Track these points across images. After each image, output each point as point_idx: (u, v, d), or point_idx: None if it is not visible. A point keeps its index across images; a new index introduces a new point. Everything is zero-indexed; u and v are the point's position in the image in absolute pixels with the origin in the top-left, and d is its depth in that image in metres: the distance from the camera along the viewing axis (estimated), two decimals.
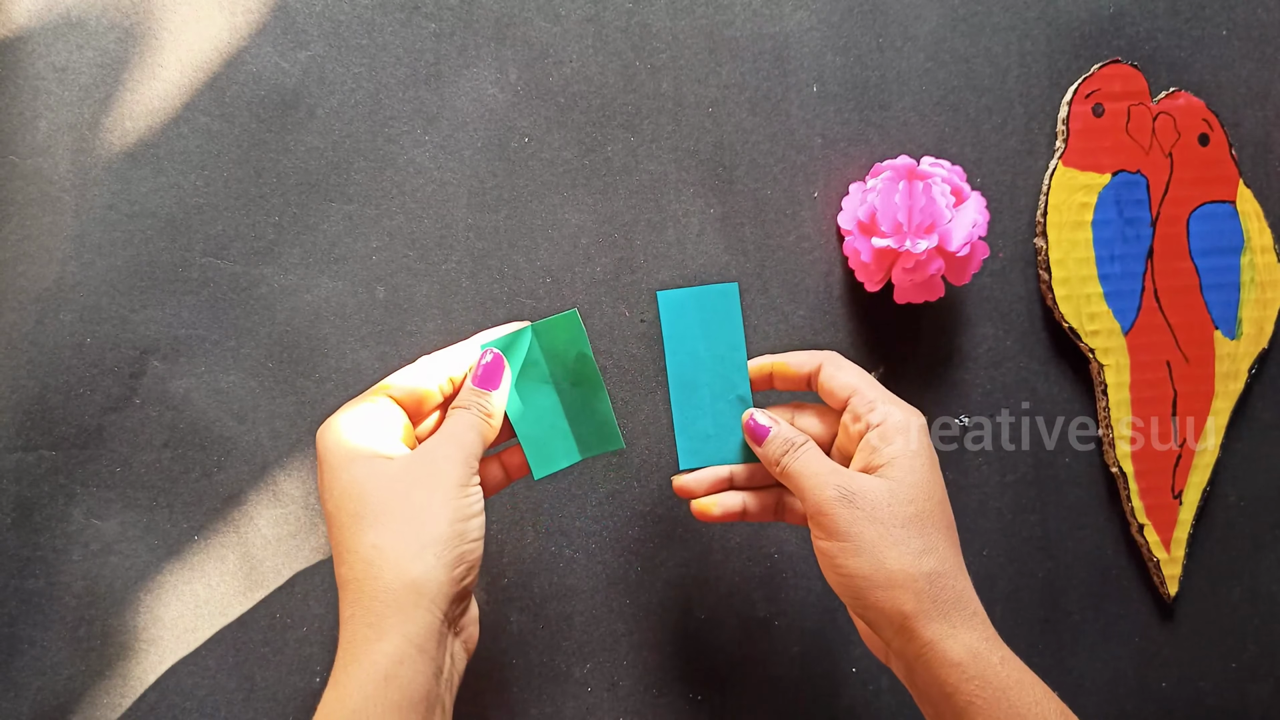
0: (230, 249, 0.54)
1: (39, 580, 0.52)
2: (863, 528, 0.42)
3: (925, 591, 0.41)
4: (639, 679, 0.56)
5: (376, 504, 0.40)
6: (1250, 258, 0.61)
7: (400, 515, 0.39)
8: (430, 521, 0.39)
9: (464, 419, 0.44)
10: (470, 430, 0.43)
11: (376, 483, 0.40)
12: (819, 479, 0.43)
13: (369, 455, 0.41)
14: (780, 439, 0.46)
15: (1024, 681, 0.41)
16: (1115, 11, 0.61)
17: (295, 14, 0.55)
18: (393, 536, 0.39)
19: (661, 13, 0.57)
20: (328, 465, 0.41)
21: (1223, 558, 0.62)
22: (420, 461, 0.41)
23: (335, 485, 0.41)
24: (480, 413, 0.44)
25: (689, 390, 0.50)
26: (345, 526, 0.40)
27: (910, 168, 0.55)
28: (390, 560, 0.38)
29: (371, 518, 0.40)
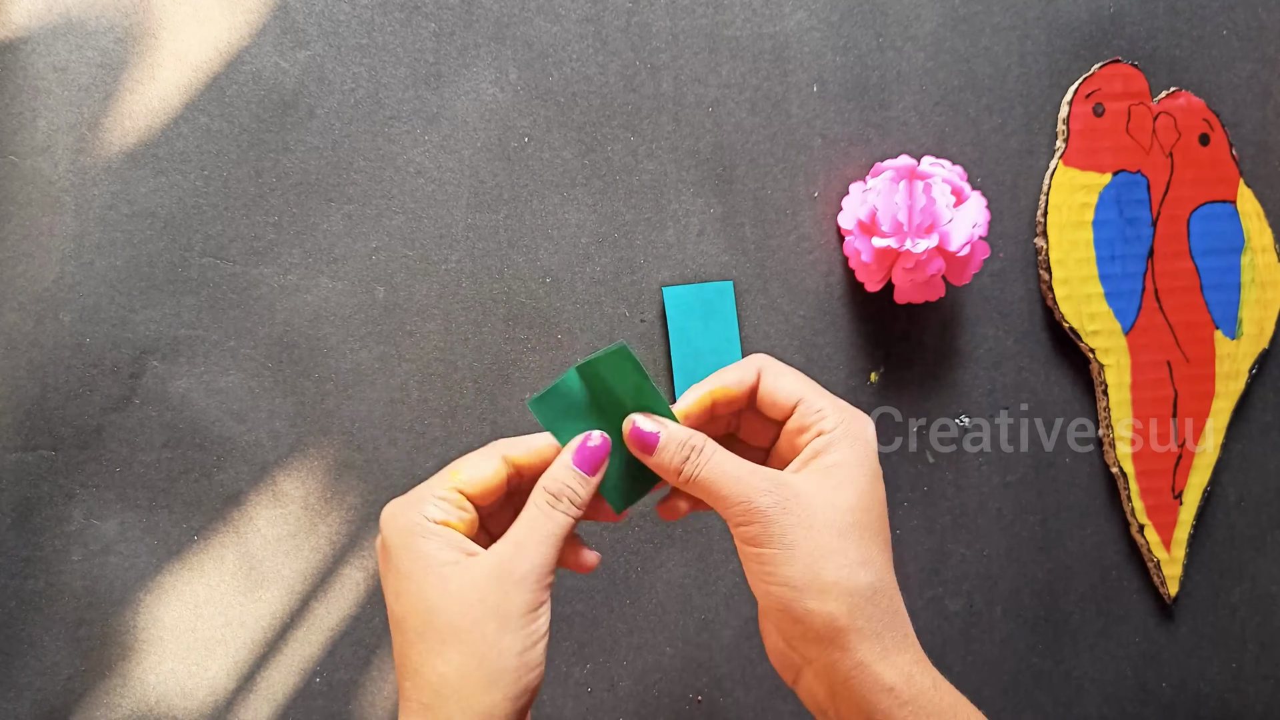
0: (230, 249, 0.54)
1: (39, 580, 0.52)
2: (798, 533, 0.38)
3: (861, 607, 0.38)
4: (639, 679, 0.56)
5: (444, 627, 0.38)
6: (1250, 257, 0.61)
7: (469, 645, 0.38)
8: (498, 655, 0.37)
9: (546, 524, 0.40)
10: (549, 543, 0.39)
11: (445, 602, 0.38)
12: (742, 482, 0.39)
13: (439, 565, 0.39)
14: (674, 443, 0.41)
15: (956, 706, 0.39)
16: (1115, 11, 0.61)
17: (295, 14, 0.55)
18: (460, 668, 0.38)
19: (661, 13, 0.57)
20: (395, 569, 0.39)
21: (1223, 558, 0.61)
22: (489, 580, 0.38)
23: (403, 592, 0.39)
24: (569, 507, 0.40)
25: (691, 379, 0.56)
26: (411, 643, 0.39)
27: (910, 168, 0.55)
28: (456, 692, 0.37)
29: (439, 641, 0.38)
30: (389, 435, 0.55)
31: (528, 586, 0.38)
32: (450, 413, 0.55)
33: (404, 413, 0.55)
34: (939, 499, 0.59)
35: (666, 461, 0.41)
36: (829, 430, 0.41)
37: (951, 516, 0.59)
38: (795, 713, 0.57)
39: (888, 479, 0.59)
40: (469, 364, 0.56)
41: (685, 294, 0.57)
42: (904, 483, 0.59)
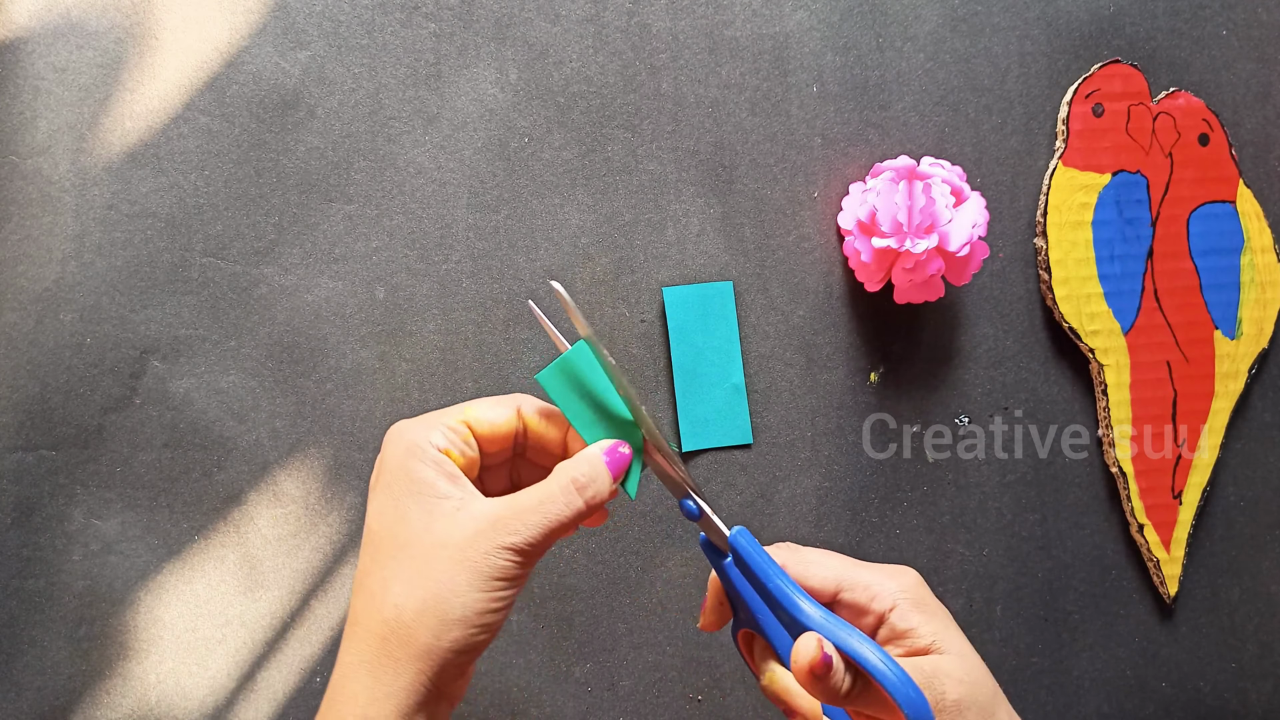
0: (230, 249, 0.54)
1: (39, 580, 0.52)
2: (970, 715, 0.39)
3: None
4: (639, 679, 0.56)
5: (416, 559, 0.37)
6: (1250, 258, 0.61)
7: (434, 586, 0.37)
8: (457, 602, 0.37)
9: (560, 505, 0.38)
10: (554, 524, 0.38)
11: (426, 537, 0.37)
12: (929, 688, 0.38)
13: (431, 496, 0.38)
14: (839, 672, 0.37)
15: None
16: (1115, 11, 0.61)
17: (295, 14, 0.55)
18: (419, 604, 0.37)
19: (661, 13, 0.57)
20: (387, 485, 0.38)
21: (1223, 558, 0.62)
22: (475, 533, 0.37)
23: (387, 512, 0.38)
24: (588, 503, 0.39)
25: (690, 378, 0.56)
26: (378, 562, 0.38)
27: (910, 168, 0.55)
28: (406, 626, 0.37)
29: (405, 570, 0.37)
30: None
31: (512, 556, 0.37)
32: None
33: (404, 413, 0.55)
34: (939, 499, 0.59)
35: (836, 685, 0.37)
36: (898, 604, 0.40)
37: (951, 516, 0.59)
38: None
39: (888, 480, 0.59)
40: (469, 364, 0.56)
41: (685, 294, 0.57)
42: (904, 482, 0.59)
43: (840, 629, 0.36)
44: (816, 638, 0.36)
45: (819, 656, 0.35)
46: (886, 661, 0.35)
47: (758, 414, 0.57)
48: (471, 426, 0.40)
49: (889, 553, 0.58)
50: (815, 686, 0.36)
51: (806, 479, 0.58)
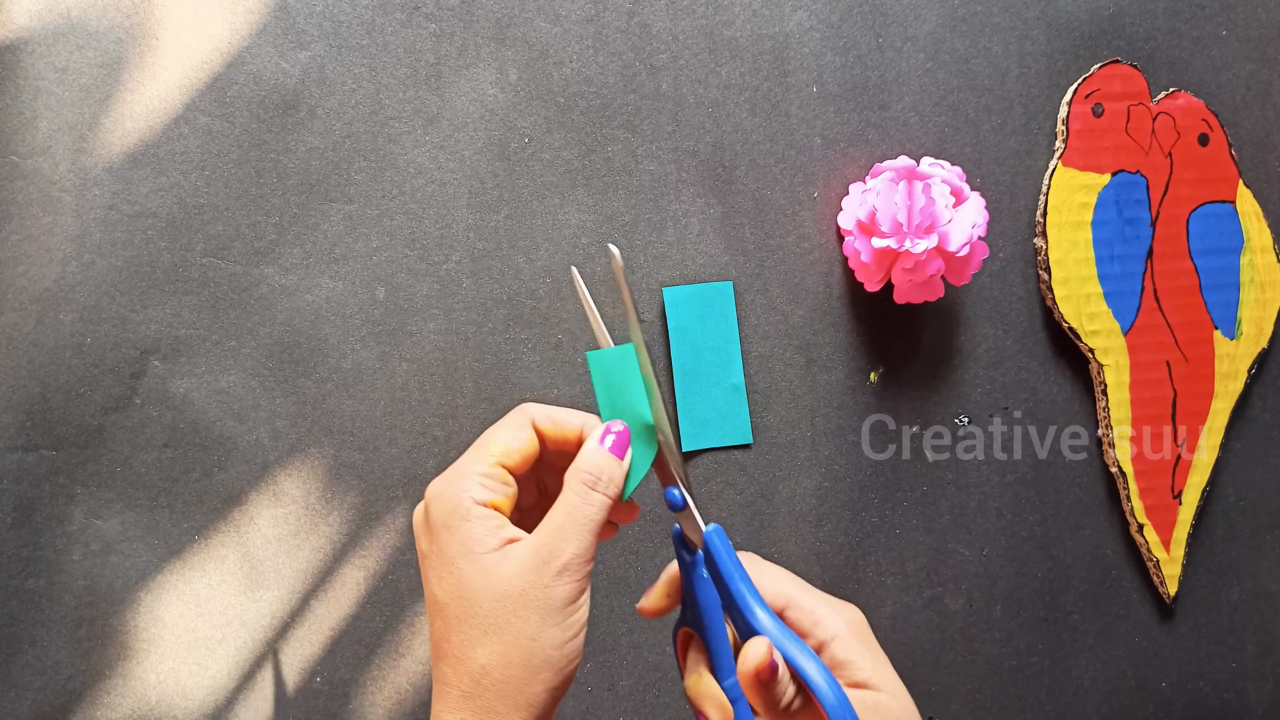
0: (230, 249, 0.54)
1: (39, 580, 0.52)
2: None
3: None
4: (639, 679, 0.56)
5: (486, 617, 0.38)
6: (1250, 258, 0.61)
7: (511, 638, 0.38)
8: (540, 648, 0.38)
9: (585, 510, 0.39)
10: (588, 530, 0.39)
11: (488, 594, 0.38)
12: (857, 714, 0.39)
13: (482, 552, 0.39)
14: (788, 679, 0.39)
15: None
16: (1115, 11, 0.61)
17: (295, 14, 0.55)
18: (502, 659, 0.38)
19: (661, 13, 0.57)
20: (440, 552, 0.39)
21: (1223, 558, 0.62)
22: (529, 573, 0.38)
23: (446, 577, 0.39)
24: (608, 492, 0.40)
25: (690, 378, 0.56)
26: (452, 627, 0.39)
27: (910, 168, 0.55)
28: (496, 684, 0.38)
29: (480, 631, 0.38)
30: (389, 435, 0.55)
31: (568, 577, 0.38)
32: (450, 413, 0.55)
33: (404, 413, 0.55)
34: (939, 499, 0.59)
35: (778, 694, 0.38)
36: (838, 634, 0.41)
37: (951, 516, 0.59)
38: None
39: (887, 480, 0.59)
40: (469, 364, 0.56)
41: (685, 294, 0.57)
42: (904, 482, 0.59)
43: (791, 642, 0.37)
44: (767, 643, 0.37)
45: (766, 661, 0.36)
46: (830, 684, 0.36)
47: (758, 414, 0.57)
48: (503, 463, 0.41)
49: (889, 553, 0.59)
50: (758, 692, 0.37)
51: (806, 479, 0.58)
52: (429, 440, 0.55)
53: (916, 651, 0.59)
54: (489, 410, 0.55)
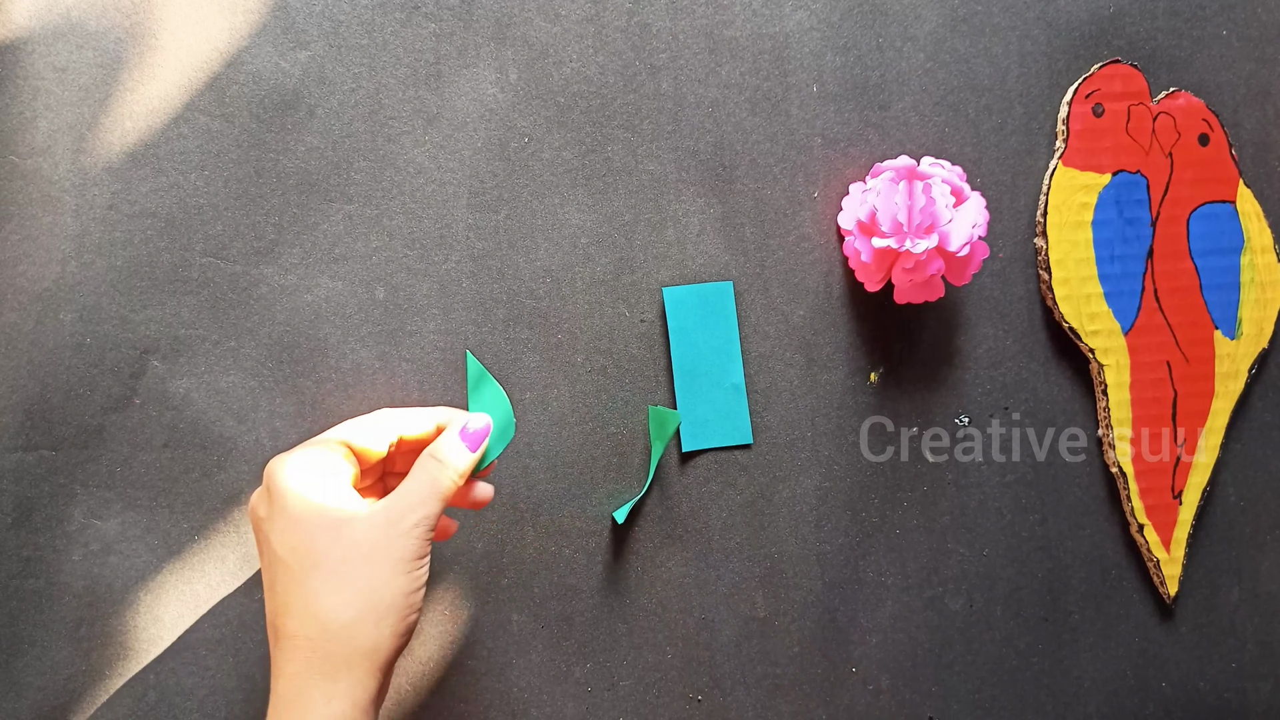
0: (230, 249, 0.54)
1: (39, 580, 0.52)
2: None
3: None
4: (639, 679, 0.56)
5: (334, 565, 0.41)
6: (1250, 258, 0.61)
7: (358, 582, 0.41)
8: (386, 592, 0.41)
9: (431, 478, 0.44)
10: (436, 499, 0.44)
11: (335, 544, 0.41)
12: None
13: (327, 509, 0.42)
14: None
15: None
16: (1115, 11, 0.61)
17: (295, 14, 0.55)
18: (349, 602, 0.41)
19: (661, 13, 0.57)
20: (283, 510, 0.42)
21: (1223, 558, 0.62)
22: (381, 527, 0.42)
23: (291, 533, 0.42)
24: (453, 474, 0.45)
25: (690, 379, 0.56)
26: (297, 580, 0.41)
27: (910, 168, 0.55)
28: (345, 624, 0.41)
29: (327, 578, 0.41)
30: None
31: (415, 535, 0.42)
32: None
33: None
34: (939, 500, 0.59)
35: None
36: None
37: (951, 517, 0.59)
38: (795, 713, 0.57)
39: (888, 481, 0.59)
40: None
41: (685, 294, 0.57)
42: (904, 483, 0.59)
43: None
44: None
45: None
46: None
47: (758, 414, 0.57)
48: (348, 443, 0.46)
49: (889, 553, 0.59)
50: None
51: (806, 479, 0.58)
52: None
53: (917, 651, 0.59)
54: None
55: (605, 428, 0.56)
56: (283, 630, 0.41)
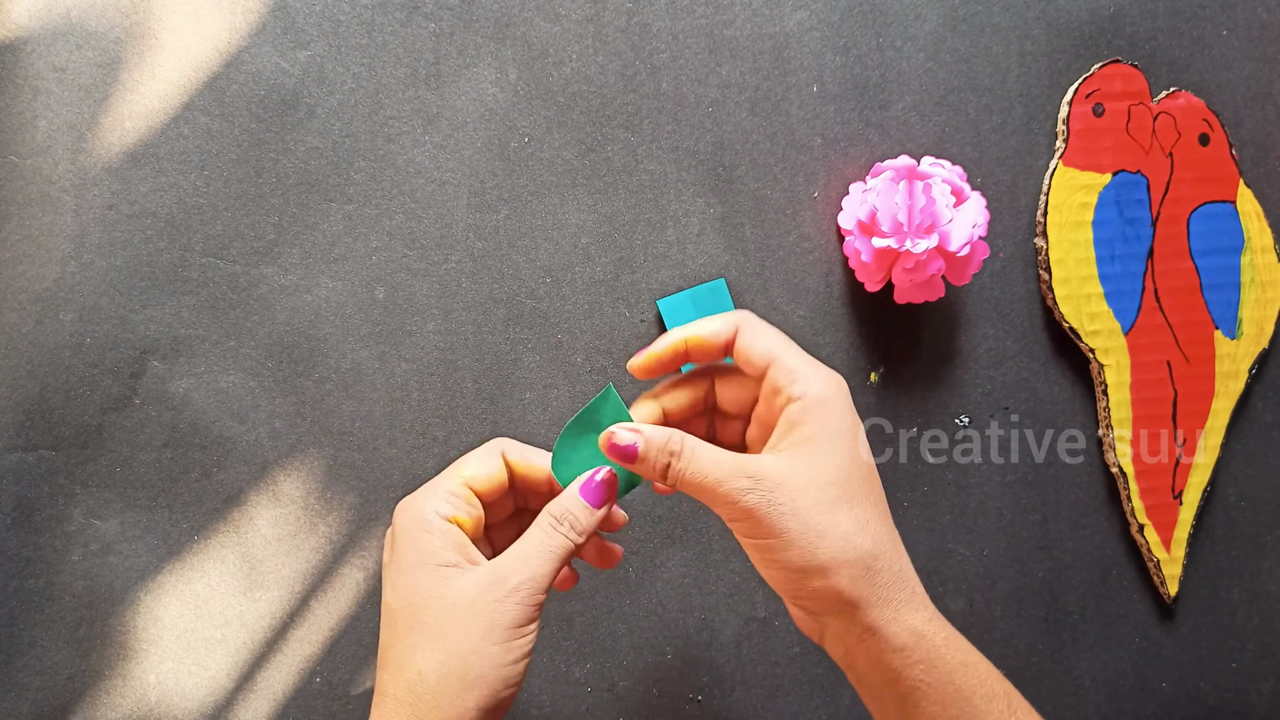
0: (230, 249, 0.54)
1: (39, 580, 0.52)
2: (787, 521, 0.38)
3: (863, 576, 0.39)
4: (639, 679, 0.56)
5: (432, 625, 0.39)
6: (1250, 258, 0.61)
7: (453, 647, 0.38)
8: (476, 660, 0.38)
9: (548, 542, 0.41)
10: (550, 560, 0.40)
11: (439, 603, 0.39)
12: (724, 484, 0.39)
13: (439, 564, 0.40)
14: (655, 449, 0.40)
15: (968, 663, 0.39)
16: (1115, 11, 0.61)
17: (295, 14, 0.55)
18: (440, 668, 0.38)
19: (661, 13, 0.57)
20: (399, 561, 0.40)
21: (1223, 558, 0.62)
22: (482, 587, 0.39)
23: (400, 585, 0.40)
24: (571, 534, 0.41)
25: None
26: (398, 635, 0.40)
27: (910, 168, 0.55)
28: (431, 692, 0.38)
29: (424, 638, 0.39)
30: (389, 435, 0.55)
31: (519, 599, 0.39)
32: (450, 413, 0.55)
33: (404, 413, 0.55)
34: (939, 499, 0.59)
35: (651, 469, 0.41)
36: (798, 397, 0.41)
37: (951, 516, 0.59)
38: (795, 713, 0.57)
39: (887, 482, 0.59)
40: (469, 364, 0.56)
41: (680, 301, 0.56)
42: (904, 483, 0.59)
43: None
44: None
45: None
46: None
47: None
48: (470, 485, 0.42)
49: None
50: None
51: None
52: (429, 440, 0.55)
53: None
54: (489, 410, 0.55)
55: None
56: (379, 683, 0.40)
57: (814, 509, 0.39)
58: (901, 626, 0.39)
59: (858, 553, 0.39)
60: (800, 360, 0.42)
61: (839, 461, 0.40)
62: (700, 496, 0.40)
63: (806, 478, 0.39)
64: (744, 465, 0.39)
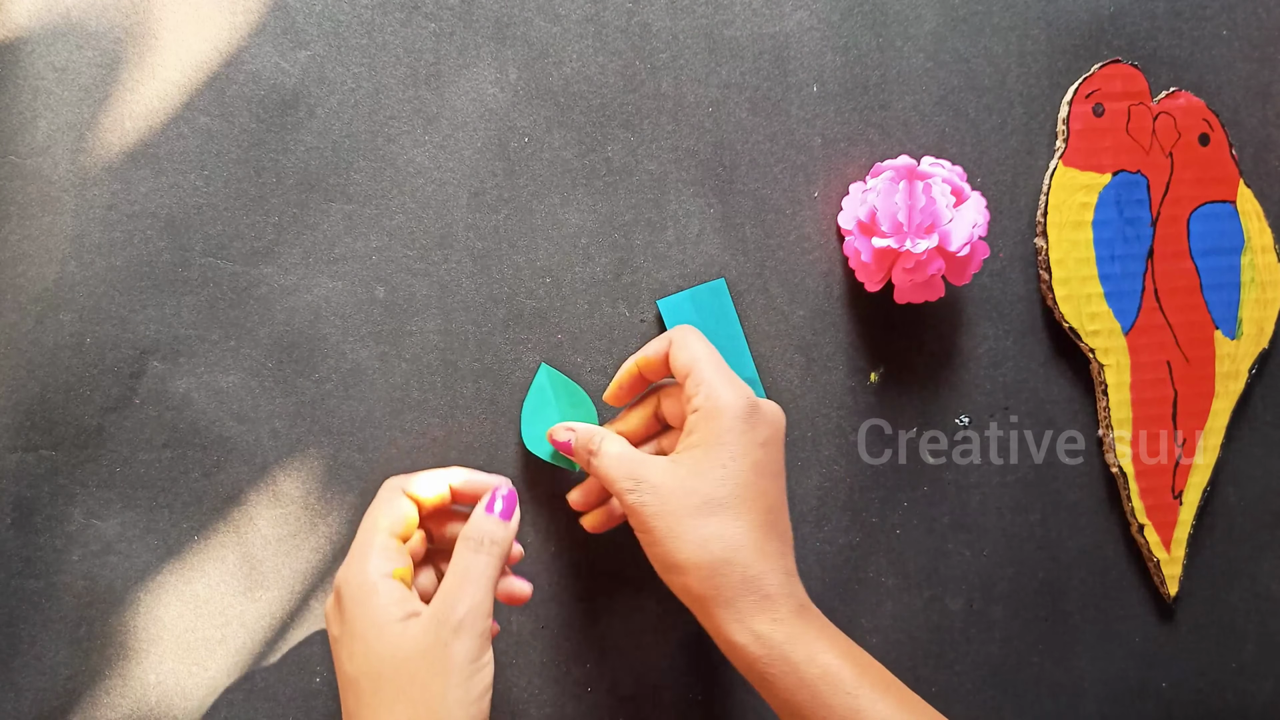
0: (230, 249, 0.54)
1: (39, 580, 0.52)
2: (654, 521, 0.43)
3: (709, 579, 0.43)
4: (639, 679, 0.56)
5: (393, 684, 0.40)
6: (1250, 258, 0.61)
7: (417, 701, 0.39)
8: (444, 710, 0.39)
9: (474, 567, 0.42)
10: (481, 584, 0.42)
11: (395, 661, 0.40)
12: (617, 480, 0.44)
13: (388, 622, 0.41)
14: (580, 445, 0.48)
15: (815, 657, 0.42)
16: (1115, 11, 0.61)
17: (295, 14, 0.55)
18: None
19: (661, 13, 0.57)
20: (351, 629, 0.41)
21: (1223, 558, 0.62)
22: (430, 632, 0.40)
23: (356, 653, 0.41)
24: (494, 551, 0.43)
25: None
26: (363, 701, 0.40)
27: (910, 168, 0.55)
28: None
29: (389, 698, 0.40)
30: (389, 435, 0.55)
31: (465, 634, 0.40)
32: (450, 413, 0.55)
33: (404, 413, 0.55)
34: (939, 500, 0.59)
35: (580, 459, 0.48)
36: (696, 408, 0.45)
37: (951, 517, 0.59)
38: None
39: (888, 481, 0.59)
40: (469, 364, 0.56)
41: (681, 301, 0.56)
42: (904, 482, 0.59)
43: None
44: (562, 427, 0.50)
45: None
46: None
47: None
48: (393, 533, 0.44)
49: (889, 553, 0.58)
50: None
51: (806, 479, 0.58)
52: (429, 440, 0.55)
53: (917, 652, 0.59)
54: (489, 410, 0.55)
55: None
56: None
57: (678, 513, 0.43)
58: (743, 628, 0.43)
59: (707, 558, 0.42)
60: (713, 373, 0.45)
61: (717, 472, 0.43)
62: (605, 485, 0.46)
63: (679, 484, 0.43)
64: (634, 468, 0.44)
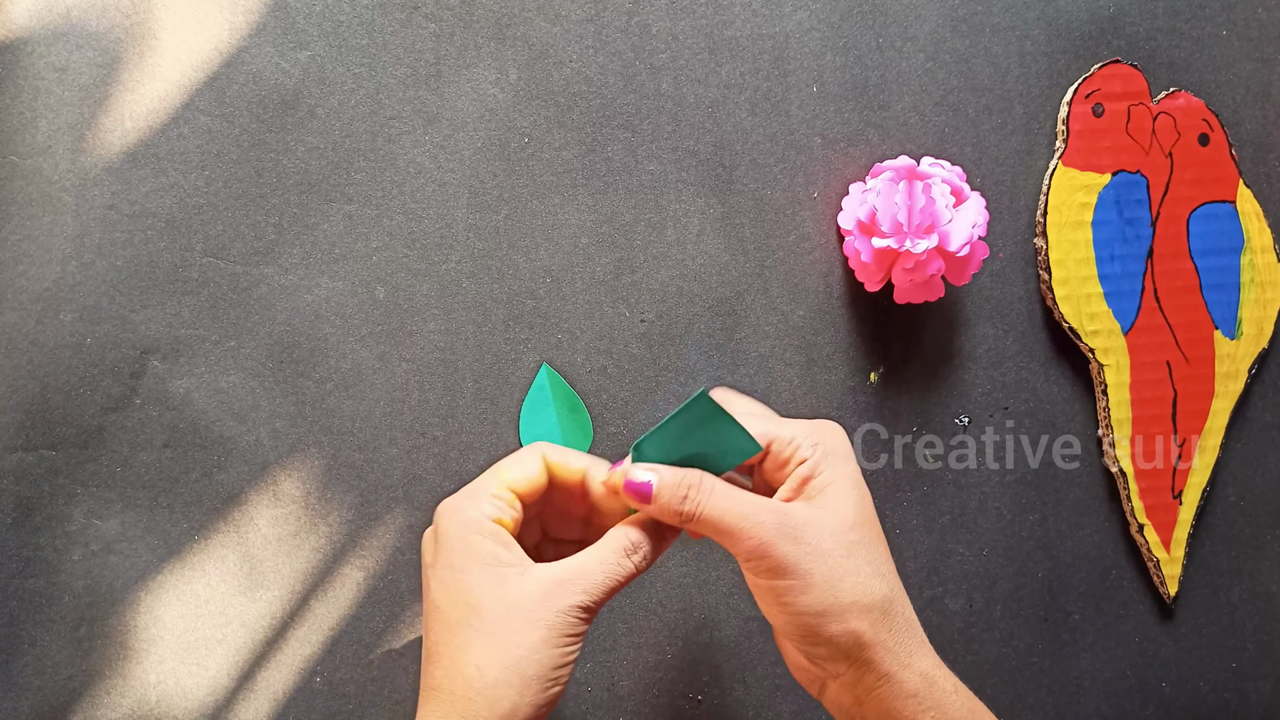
0: (230, 249, 0.54)
1: (39, 580, 0.52)
2: (810, 563, 0.39)
3: (880, 621, 0.40)
4: (639, 679, 0.56)
5: (489, 623, 0.39)
6: (1250, 258, 0.61)
7: (510, 644, 0.39)
8: (534, 660, 0.39)
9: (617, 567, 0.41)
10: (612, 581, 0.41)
11: (497, 603, 0.40)
12: (747, 519, 0.40)
13: (496, 564, 0.40)
14: (670, 485, 0.41)
15: (975, 710, 0.41)
16: (1115, 11, 0.61)
17: (295, 14, 0.55)
18: (497, 664, 0.39)
19: (661, 13, 0.57)
20: (449, 559, 0.41)
21: (1223, 558, 0.62)
22: (548, 597, 0.40)
23: (453, 584, 0.40)
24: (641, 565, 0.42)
25: None
26: (451, 631, 0.40)
27: (910, 168, 0.55)
28: (489, 685, 0.39)
29: (481, 636, 0.39)
30: (389, 435, 0.55)
31: (578, 613, 0.40)
32: (450, 413, 0.55)
33: (404, 413, 0.55)
34: (938, 500, 0.59)
35: (669, 505, 0.41)
36: (810, 456, 0.42)
37: (951, 516, 0.59)
38: (795, 713, 0.57)
39: (887, 480, 0.59)
40: (469, 364, 0.56)
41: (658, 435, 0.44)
42: (904, 482, 0.59)
43: None
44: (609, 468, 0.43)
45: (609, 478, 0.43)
46: None
47: None
48: (512, 488, 0.43)
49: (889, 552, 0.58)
50: None
51: None
52: (429, 440, 0.55)
53: None
54: (489, 410, 0.55)
55: (605, 428, 0.56)
56: (429, 678, 0.40)
57: (835, 551, 0.40)
58: (913, 672, 0.40)
59: (876, 596, 0.40)
60: (794, 425, 0.43)
61: (854, 505, 0.41)
62: (720, 534, 0.40)
63: (827, 521, 0.41)
64: (766, 503, 0.40)
